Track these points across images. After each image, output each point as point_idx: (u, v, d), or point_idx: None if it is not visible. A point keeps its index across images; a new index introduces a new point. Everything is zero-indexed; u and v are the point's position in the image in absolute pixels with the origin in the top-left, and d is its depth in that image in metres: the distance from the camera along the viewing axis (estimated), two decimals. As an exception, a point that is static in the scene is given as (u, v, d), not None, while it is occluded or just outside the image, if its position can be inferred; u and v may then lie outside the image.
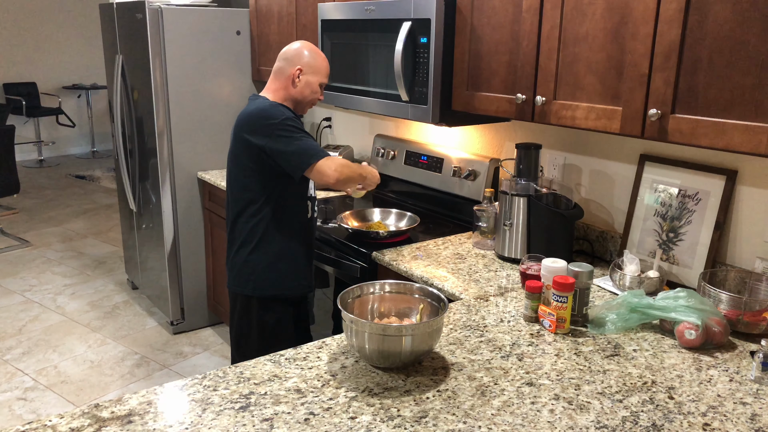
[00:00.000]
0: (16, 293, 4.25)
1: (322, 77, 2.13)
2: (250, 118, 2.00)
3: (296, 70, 2.07)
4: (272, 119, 1.97)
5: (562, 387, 1.36)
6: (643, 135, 1.64)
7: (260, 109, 2.00)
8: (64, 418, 1.22)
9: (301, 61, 2.08)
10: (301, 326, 2.30)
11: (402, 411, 1.26)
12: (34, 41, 8.24)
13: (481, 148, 2.68)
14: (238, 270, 2.15)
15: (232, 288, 2.20)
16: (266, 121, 1.97)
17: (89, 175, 7.59)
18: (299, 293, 2.20)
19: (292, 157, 1.97)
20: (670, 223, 1.97)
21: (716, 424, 1.24)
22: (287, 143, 1.96)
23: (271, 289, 2.14)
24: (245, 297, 2.16)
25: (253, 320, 2.17)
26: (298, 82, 2.08)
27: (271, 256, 2.11)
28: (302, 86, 2.09)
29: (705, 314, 1.53)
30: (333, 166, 1.98)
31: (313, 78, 2.10)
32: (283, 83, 2.09)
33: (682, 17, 1.52)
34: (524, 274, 1.85)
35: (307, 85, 2.09)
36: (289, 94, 2.10)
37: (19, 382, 3.18)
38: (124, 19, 3.53)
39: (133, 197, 3.84)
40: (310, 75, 2.09)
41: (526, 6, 1.89)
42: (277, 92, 2.10)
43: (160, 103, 3.35)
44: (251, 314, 2.17)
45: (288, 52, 2.10)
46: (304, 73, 2.08)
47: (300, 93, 2.10)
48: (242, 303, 2.18)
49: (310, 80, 2.10)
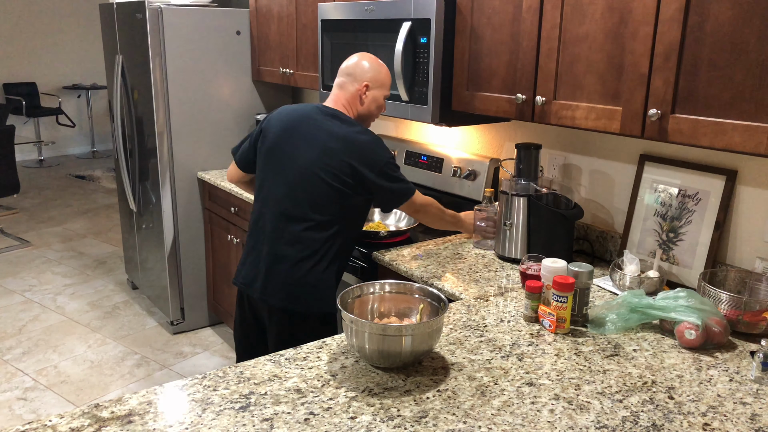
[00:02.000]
0: (16, 293, 4.25)
1: (387, 90, 2.08)
2: (361, 148, 1.94)
3: (363, 87, 2.02)
4: (384, 156, 1.97)
5: (562, 387, 1.36)
6: (643, 135, 1.64)
7: (372, 141, 1.97)
8: (64, 418, 1.22)
9: (366, 77, 2.03)
10: None
11: (402, 411, 1.26)
12: (34, 41, 8.24)
13: (481, 148, 2.68)
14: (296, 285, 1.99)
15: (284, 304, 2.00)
16: (378, 156, 1.95)
17: (89, 175, 7.59)
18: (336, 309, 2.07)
19: (392, 195, 2.01)
20: (670, 223, 1.97)
21: (716, 424, 1.24)
22: (392, 180, 1.99)
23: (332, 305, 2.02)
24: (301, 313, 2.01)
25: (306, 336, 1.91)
26: (365, 98, 2.04)
27: (336, 272, 2.02)
28: (369, 102, 2.05)
29: (705, 314, 1.54)
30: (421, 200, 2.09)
31: (379, 92, 2.05)
32: (350, 100, 2.04)
33: (682, 17, 1.52)
34: (524, 274, 1.85)
35: (373, 101, 2.05)
36: (357, 112, 2.05)
37: (19, 382, 3.18)
38: (124, 19, 3.53)
39: (133, 197, 3.84)
40: (376, 90, 2.04)
41: (526, 6, 1.89)
42: (350, 110, 2.05)
43: (160, 103, 3.35)
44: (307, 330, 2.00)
45: (349, 67, 2.05)
46: (370, 89, 2.03)
47: (367, 110, 2.06)
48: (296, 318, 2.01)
49: (376, 95, 2.05)
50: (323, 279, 1.98)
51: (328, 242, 1.97)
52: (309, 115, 2.02)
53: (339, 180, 1.94)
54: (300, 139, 1.99)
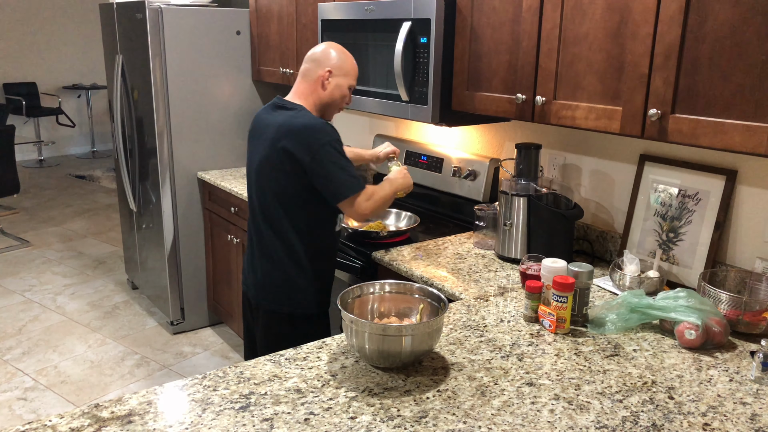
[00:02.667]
0: (16, 293, 4.25)
1: (352, 79, 2.04)
2: (296, 131, 1.90)
3: (325, 72, 1.98)
4: (321, 138, 1.88)
5: (562, 387, 1.36)
6: (643, 135, 1.64)
7: (309, 125, 1.90)
8: (64, 418, 1.22)
9: (330, 63, 1.99)
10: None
11: (402, 411, 1.26)
12: (34, 41, 8.24)
13: (481, 148, 2.68)
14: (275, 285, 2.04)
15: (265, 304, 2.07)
16: (313, 138, 1.88)
17: (89, 175, 7.59)
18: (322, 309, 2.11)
19: (331, 184, 1.90)
20: (670, 223, 1.97)
21: (716, 424, 1.24)
22: (327, 169, 1.89)
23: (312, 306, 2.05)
24: (284, 314, 2.05)
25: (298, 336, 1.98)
26: (327, 84, 1.99)
27: (306, 271, 2.02)
28: (332, 89, 2.00)
29: (705, 314, 1.54)
30: (368, 207, 1.94)
31: (343, 80, 2.02)
32: (312, 87, 1.99)
33: (682, 17, 1.52)
34: (524, 274, 1.85)
35: (337, 87, 2.01)
36: (318, 98, 2.00)
37: (19, 382, 3.18)
38: (124, 19, 3.53)
39: (133, 197, 3.84)
40: (340, 77, 2.01)
41: (526, 6, 1.89)
42: (307, 97, 2.00)
43: (160, 103, 3.35)
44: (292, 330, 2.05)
45: (315, 53, 2.01)
46: (333, 75, 1.99)
47: (330, 96, 2.01)
48: (279, 319, 2.07)
49: (340, 83, 2.01)
50: (297, 279, 2.01)
51: (299, 241, 1.99)
52: (263, 113, 2.06)
53: (282, 170, 1.93)
54: (256, 139, 2.04)
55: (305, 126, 1.90)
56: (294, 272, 2.01)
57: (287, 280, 2.02)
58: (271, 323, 2.08)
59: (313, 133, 1.89)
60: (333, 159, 1.89)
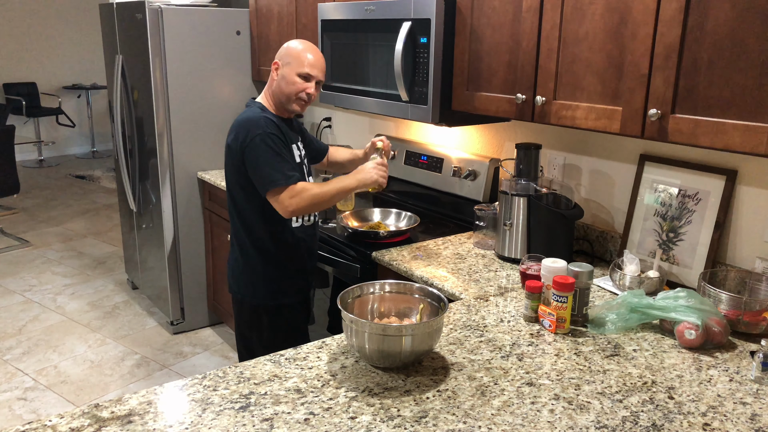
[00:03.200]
0: (16, 293, 4.25)
1: (300, 67, 1.97)
2: (235, 126, 1.98)
3: (275, 63, 2.01)
4: (251, 132, 1.91)
5: (562, 387, 1.36)
6: (643, 135, 1.64)
7: (245, 119, 1.95)
8: (64, 418, 1.22)
9: (279, 55, 2.01)
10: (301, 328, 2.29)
11: (402, 411, 1.26)
12: (34, 41, 8.24)
13: (481, 148, 2.68)
14: (239, 276, 2.15)
15: (234, 295, 2.20)
16: (245, 132, 1.93)
17: (89, 175, 7.59)
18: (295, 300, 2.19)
19: (256, 177, 1.94)
20: (670, 223, 1.97)
21: (716, 424, 1.24)
22: (256, 160, 1.91)
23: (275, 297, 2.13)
24: (252, 305, 2.16)
25: (263, 327, 2.15)
26: (275, 77, 2.01)
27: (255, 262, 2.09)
28: (278, 81, 1.99)
29: (705, 314, 1.54)
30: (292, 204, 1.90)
31: (288, 69, 1.97)
32: (269, 82, 2.06)
33: (682, 17, 1.52)
34: (524, 274, 1.85)
35: (282, 78, 1.98)
36: (272, 91, 2.03)
37: (19, 382, 3.18)
38: (124, 19, 3.53)
39: (133, 197, 3.84)
40: (285, 67, 1.98)
41: (526, 6, 1.89)
42: (266, 93, 2.07)
43: (160, 103, 3.35)
44: (261, 322, 2.15)
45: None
46: (280, 67, 2.00)
47: (278, 88, 2.00)
48: (246, 309, 2.18)
49: (284, 72, 1.98)
50: (254, 270, 2.10)
51: (251, 233, 2.08)
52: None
53: (230, 164, 2.02)
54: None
55: (242, 120, 1.98)
56: (252, 264, 2.10)
57: (247, 271, 2.12)
58: (239, 313, 2.21)
59: (246, 126, 1.95)
60: (260, 153, 1.91)
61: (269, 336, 2.14)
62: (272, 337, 2.13)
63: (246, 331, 2.21)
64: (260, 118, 1.94)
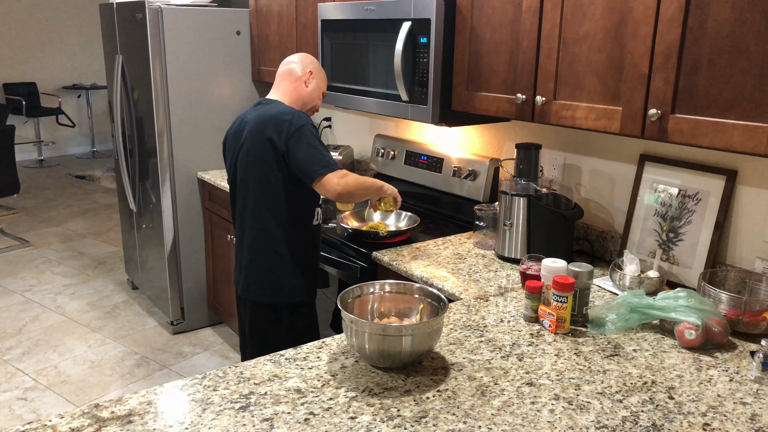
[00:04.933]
0: (16, 293, 4.25)
1: (324, 84, 2.21)
2: (273, 119, 1.99)
3: (308, 72, 2.14)
4: (297, 121, 1.98)
5: (562, 387, 1.36)
6: (643, 135, 1.64)
7: (283, 111, 2.01)
8: (64, 418, 1.22)
9: (312, 65, 2.16)
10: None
11: (402, 411, 1.26)
12: (34, 41, 8.24)
13: (481, 148, 2.68)
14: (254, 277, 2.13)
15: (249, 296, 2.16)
16: (288, 123, 1.98)
17: (89, 175, 7.59)
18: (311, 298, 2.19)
19: (304, 164, 1.97)
20: (670, 223, 1.97)
21: (716, 424, 1.24)
22: (303, 150, 1.96)
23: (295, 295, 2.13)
24: (266, 305, 2.14)
25: (282, 327, 2.14)
26: (309, 83, 2.14)
27: (285, 261, 2.09)
28: (312, 88, 2.15)
29: (705, 314, 1.54)
30: (341, 183, 1.95)
31: (322, 83, 2.18)
32: (294, 85, 2.12)
33: (682, 17, 1.52)
34: (524, 274, 1.85)
35: (316, 88, 2.16)
36: (299, 95, 2.13)
37: (19, 382, 3.18)
38: (124, 19, 3.53)
39: (133, 197, 3.84)
40: (319, 79, 2.17)
41: (526, 6, 1.89)
42: (290, 94, 2.12)
43: (160, 103, 3.35)
44: (276, 320, 2.14)
45: (294, 57, 2.17)
46: (314, 77, 2.15)
47: (309, 95, 2.15)
48: (263, 311, 2.15)
49: (319, 84, 2.17)
50: (276, 269, 2.10)
51: (279, 231, 2.07)
52: (244, 113, 2.15)
53: (263, 161, 2.02)
54: (236, 136, 2.12)
55: (281, 112, 2.01)
56: (273, 263, 2.09)
57: (267, 270, 2.10)
58: (255, 315, 2.17)
59: (288, 117, 1.99)
60: (308, 140, 1.97)
61: (286, 336, 2.13)
62: (290, 337, 2.12)
63: (262, 333, 2.17)
64: (299, 110, 2.06)
